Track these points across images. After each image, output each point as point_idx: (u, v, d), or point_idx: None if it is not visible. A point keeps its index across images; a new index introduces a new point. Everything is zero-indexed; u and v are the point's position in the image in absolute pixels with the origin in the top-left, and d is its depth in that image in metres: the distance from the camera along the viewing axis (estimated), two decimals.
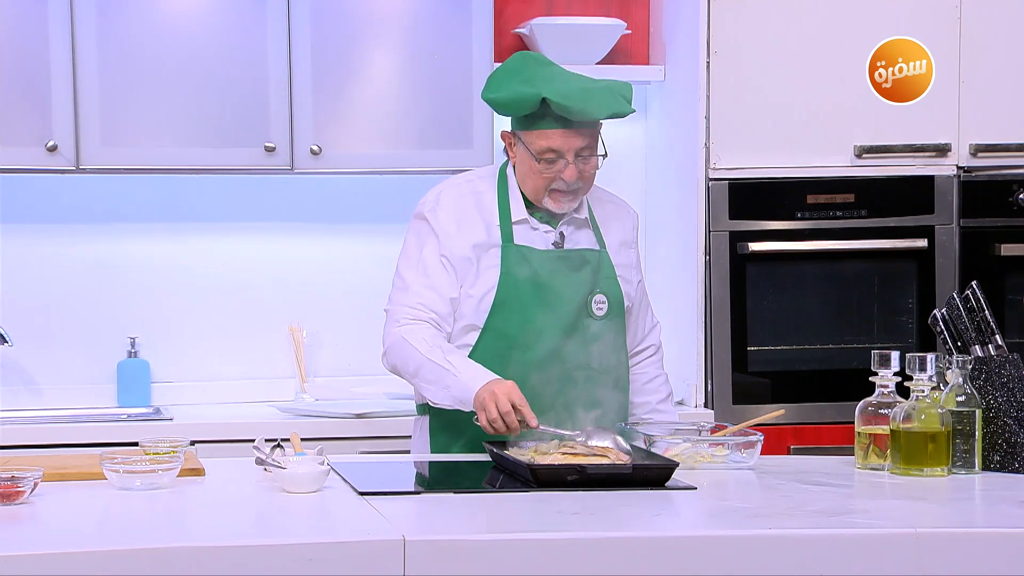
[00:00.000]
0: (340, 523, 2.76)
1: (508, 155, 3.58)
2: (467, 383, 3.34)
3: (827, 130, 4.62)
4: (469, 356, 3.50)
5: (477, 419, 3.32)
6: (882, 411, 3.26)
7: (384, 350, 3.53)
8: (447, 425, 3.54)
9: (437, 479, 3.32)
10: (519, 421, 3.27)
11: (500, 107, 3.53)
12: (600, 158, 3.51)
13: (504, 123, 3.67)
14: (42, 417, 4.49)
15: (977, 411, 3.23)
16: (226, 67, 4.45)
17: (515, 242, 3.53)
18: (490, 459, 3.29)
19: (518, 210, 3.55)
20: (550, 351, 3.49)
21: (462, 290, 3.52)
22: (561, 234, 3.57)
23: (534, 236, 3.56)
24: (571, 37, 4.68)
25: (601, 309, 3.56)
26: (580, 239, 3.60)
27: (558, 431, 3.29)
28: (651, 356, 3.77)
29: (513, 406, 3.27)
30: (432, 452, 3.58)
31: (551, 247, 3.56)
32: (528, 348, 3.49)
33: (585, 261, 3.57)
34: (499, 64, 3.82)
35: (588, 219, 3.61)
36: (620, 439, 3.23)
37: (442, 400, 3.41)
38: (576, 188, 3.51)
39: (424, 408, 3.60)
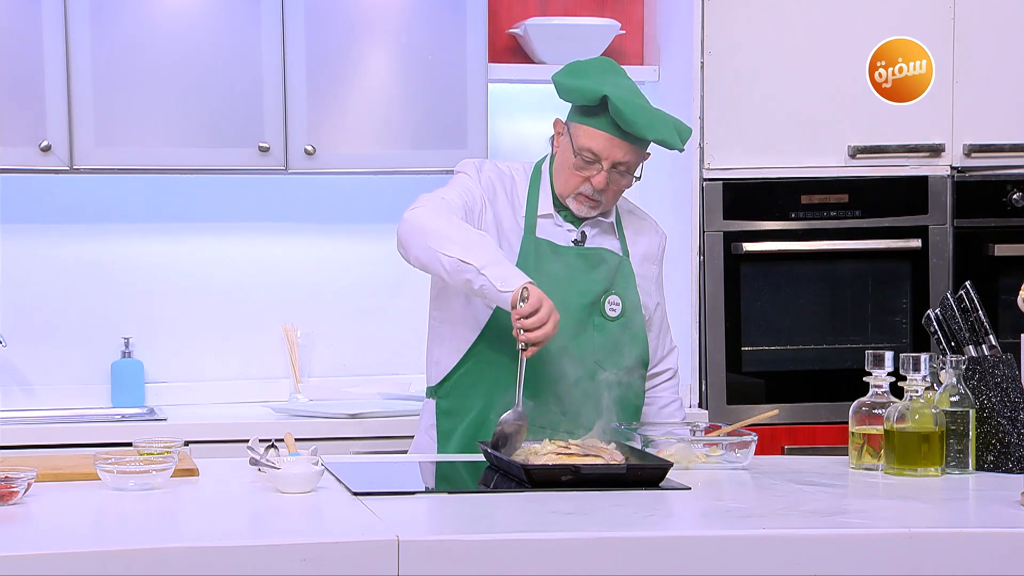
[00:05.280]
0: (334, 523, 2.76)
1: (553, 145, 3.59)
2: (510, 258, 3.35)
3: (821, 130, 4.62)
4: (475, 346, 3.52)
5: (517, 307, 3.19)
6: (876, 411, 3.26)
7: (403, 219, 3.36)
8: (452, 409, 3.54)
9: (432, 479, 3.32)
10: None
11: (563, 91, 3.53)
12: (634, 179, 3.52)
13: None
14: (36, 417, 4.49)
15: (971, 411, 3.23)
16: (220, 67, 4.45)
17: (536, 235, 3.53)
18: (484, 459, 3.29)
19: (545, 204, 3.56)
20: (558, 346, 3.47)
21: None
22: (583, 233, 3.57)
23: (556, 232, 3.56)
24: (565, 37, 4.68)
25: (614, 310, 3.56)
26: (603, 242, 3.59)
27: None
28: (668, 380, 3.76)
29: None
30: (438, 435, 3.57)
31: (571, 244, 3.56)
32: None
33: (603, 260, 3.56)
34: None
35: (615, 225, 3.61)
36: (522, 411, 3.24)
37: (472, 255, 3.23)
38: (599, 199, 3.51)
39: (432, 391, 3.59)
